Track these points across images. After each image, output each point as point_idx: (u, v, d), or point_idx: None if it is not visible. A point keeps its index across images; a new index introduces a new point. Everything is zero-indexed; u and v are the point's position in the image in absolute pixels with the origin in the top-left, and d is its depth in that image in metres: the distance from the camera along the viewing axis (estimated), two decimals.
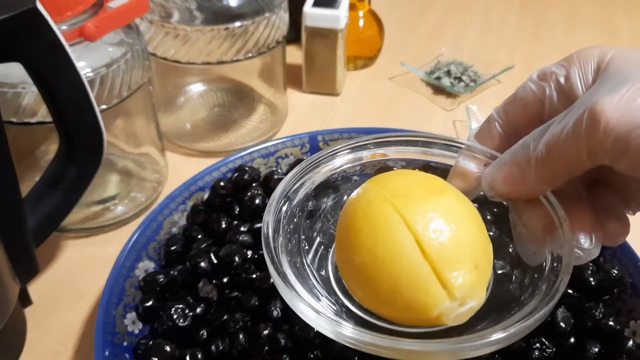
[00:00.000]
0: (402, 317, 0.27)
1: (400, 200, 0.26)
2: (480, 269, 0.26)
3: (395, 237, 0.25)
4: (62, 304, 0.47)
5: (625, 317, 0.39)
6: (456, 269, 0.25)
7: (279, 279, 0.29)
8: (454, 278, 0.25)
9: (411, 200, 0.26)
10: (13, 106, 0.42)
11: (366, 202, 0.27)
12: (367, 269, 0.26)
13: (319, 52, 0.67)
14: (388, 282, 0.25)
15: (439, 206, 0.26)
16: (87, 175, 0.43)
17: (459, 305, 0.26)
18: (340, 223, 0.29)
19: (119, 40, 0.46)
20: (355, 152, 0.34)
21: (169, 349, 0.38)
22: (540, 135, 0.26)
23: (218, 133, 0.62)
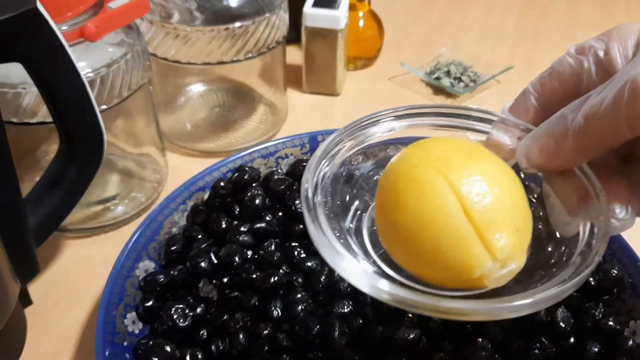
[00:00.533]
0: (443, 278, 0.27)
1: (444, 164, 0.27)
2: (521, 233, 0.27)
3: (439, 198, 0.26)
4: (62, 303, 0.47)
5: (625, 317, 0.39)
6: (498, 231, 0.26)
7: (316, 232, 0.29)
8: (497, 240, 0.26)
9: (455, 164, 0.27)
10: (13, 106, 0.42)
11: (410, 165, 0.28)
12: (410, 230, 0.27)
13: (319, 53, 0.67)
14: (431, 242, 0.26)
15: (482, 170, 0.27)
16: (87, 175, 0.43)
17: (500, 267, 0.26)
18: (381, 186, 0.30)
19: (120, 40, 0.47)
20: (395, 121, 0.35)
21: (169, 349, 0.38)
22: (578, 107, 0.26)
23: (218, 133, 0.63)
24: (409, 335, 0.36)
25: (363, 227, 0.34)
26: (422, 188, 0.27)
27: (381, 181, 0.30)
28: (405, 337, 0.36)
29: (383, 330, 0.38)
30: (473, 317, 0.26)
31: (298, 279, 0.42)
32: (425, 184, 0.27)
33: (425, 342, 0.38)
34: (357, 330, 0.38)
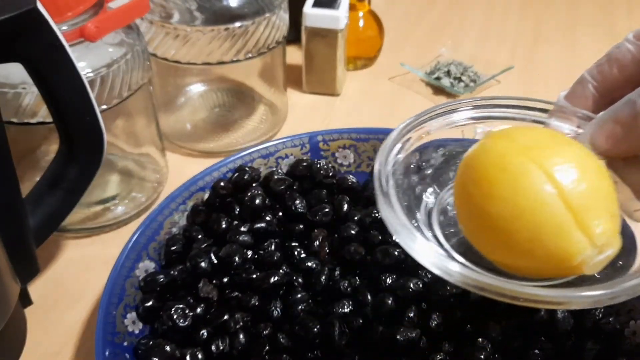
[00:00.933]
0: (539, 267, 0.27)
1: (535, 152, 0.27)
2: (615, 218, 0.27)
3: (535, 186, 0.26)
4: (62, 304, 0.47)
5: (625, 317, 0.39)
6: (596, 217, 0.26)
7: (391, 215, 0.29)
8: (595, 226, 0.26)
9: (545, 152, 0.27)
10: (13, 106, 0.42)
11: (498, 155, 0.28)
12: (505, 219, 0.26)
13: (319, 53, 0.67)
14: (528, 231, 0.26)
15: (572, 157, 0.27)
16: (87, 175, 0.43)
17: (598, 253, 0.26)
18: (466, 177, 0.29)
19: (120, 40, 0.47)
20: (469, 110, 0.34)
21: (169, 349, 0.38)
22: None
23: (218, 133, 0.63)
24: (409, 336, 0.36)
25: (433, 219, 0.34)
26: (516, 177, 0.26)
27: (464, 172, 0.30)
28: (406, 337, 0.36)
29: (383, 331, 0.38)
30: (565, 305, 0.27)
31: (298, 279, 0.42)
32: (519, 172, 0.26)
33: (425, 342, 0.38)
34: (357, 330, 0.38)
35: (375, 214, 0.44)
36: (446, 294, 0.38)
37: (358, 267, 0.42)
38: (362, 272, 0.42)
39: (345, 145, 0.52)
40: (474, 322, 0.39)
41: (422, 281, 0.39)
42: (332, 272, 0.42)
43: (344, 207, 0.45)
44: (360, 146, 0.52)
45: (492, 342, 0.38)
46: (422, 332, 0.37)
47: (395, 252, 0.40)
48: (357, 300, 0.40)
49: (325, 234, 0.45)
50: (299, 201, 0.46)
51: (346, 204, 0.46)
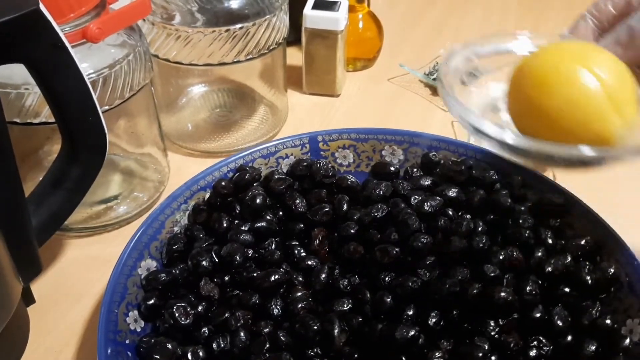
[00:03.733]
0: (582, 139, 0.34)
1: (581, 59, 0.34)
2: (637, 105, 0.34)
3: (585, 82, 0.33)
4: (64, 302, 0.47)
5: (622, 316, 0.40)
6: (628, 105, 0.33)
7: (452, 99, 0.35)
8: (627, 112, 0.33)
9: (589, 58, 0.34)
10: (16, 107, 0.43)
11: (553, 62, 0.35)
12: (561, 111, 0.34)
13: (318, 54, 0.67)
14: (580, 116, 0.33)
15: (608, 62, 0.34)
16: (89, 175, 0.43)
17: (629, 128, 0.33)
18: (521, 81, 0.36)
19: (122, 41, 0.47)
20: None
21: (171, 347, 0.38)
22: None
23: (219, 133, 0.63)
24: (408, 334, 0.37)
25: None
26: (570, 77, 0.33)
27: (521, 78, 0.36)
28: (404, 335, 0.37)
29: (382, 329, 0.38)
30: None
31: (298, 277, 0.42)
32: (573, 73, 0.33)
33: (423, 340, 0.38)
34: (356, 328, 0.39)
35: (375, 213, 0.44)
36: (445, 292, 0.38)
37: (357, 265, 0.43)
38: (362, 271, 0.42)
39: (345, 146, 0.53)
40: (472, 321, 0.39)
41: (421, 279, 0.39)
42: (331, 271, 0.42)
43: (344, 207, 0.46)
44: (360, 146, 0.53)
45: (490, 340, 0.38)
46: (420, 330, 0.38)
47: (394, 251, 0.41)
48: (357, 298, 0.40)
49: (325, 233, 0.45)
50: (299, 201, 0.46)
51: (346, 204, 0.46)
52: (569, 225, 0.45)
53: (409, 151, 0.52)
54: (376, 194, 0.46)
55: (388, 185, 0.47)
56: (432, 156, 0.50)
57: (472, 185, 0.48)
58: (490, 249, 0.43)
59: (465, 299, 0.39)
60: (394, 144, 0.52)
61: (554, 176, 0.59)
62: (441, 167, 0.50)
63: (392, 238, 0.43)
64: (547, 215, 0.46)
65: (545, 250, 0.43)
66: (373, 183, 0.47)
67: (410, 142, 0.52)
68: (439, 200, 0.45)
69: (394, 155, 0.53)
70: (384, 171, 0.51)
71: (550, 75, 0.34)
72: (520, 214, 0.45)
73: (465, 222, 0.43)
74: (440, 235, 0.44)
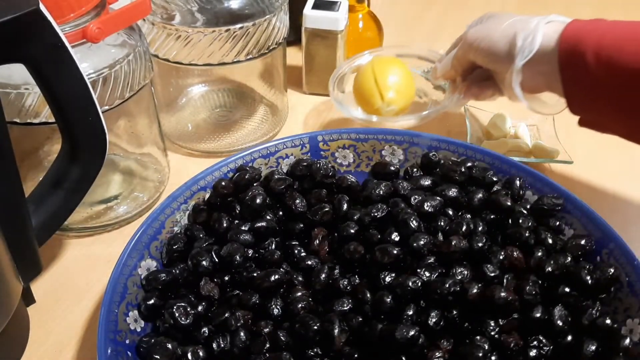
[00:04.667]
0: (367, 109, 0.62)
1: (375, 65, 0.61)
2: (403, 95, 0.61)
3: (368, 78, 0.61)
4: (64, 302, 0.47)
5: (622, 316, 0.40)
6: (388, 91, 0.60)
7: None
8: (387, 95, 0.60)
9: (380, 65, 0.61)
10: (16, 107, 0.43)
11: (363, 67, 0.63)
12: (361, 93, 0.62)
13: (319, 54, 0.67)
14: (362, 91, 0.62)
15: (393, 69, 0.61)
16: (89, 175, 0.43)
17: (386, 106, 0.60)
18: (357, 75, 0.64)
19: (122, 41, 0.47)
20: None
21: (171, 347, 0.38)
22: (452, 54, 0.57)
23: (219, 133, 0.63)
24: (408, 333, 0.37)
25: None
26: (365, 74, 0.62)
27: (356, 75, 0.64)
28: (404, 335, 0.37)
29: (382, 328, 0.38)
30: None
31: (298, 277, 0.42)
32: (366, 72, 0.62)
33: (424, 340, 0.38)
34: (356, 328, 0.39)
35: (375, 213, 0.44)
36: (445, 292, 0.38)
37: (357, 265, 0.43)
38: (362, 271, 0.42)
39: (344, 145, 0.53)
40: (472, 320, 0.39)
41: (421, 279, 0.39)
42: (331, 271, 0.42)
43: (344, 207, 0.46)
44: (360, 146, 0.53)
45: (490, 340, 0.38)
46: (420, 330, 0.38)
47: (394, 251, 0.41)
48: (357, 298, 0.40)
49: (325, 233, 0.45)
50: (299, 200, 0.46)
51: (345, 204, 0.46)
52: (569, 225, 0.45)
53: (409, 151, 0.52)
54: (376, 194, 0.46)
55: (388, 185, 0.47)
56: (432, 156, 0.50)
57: (472, 185, 0.48)
58: (490, 249, 0.43)
59: (465, 299, 0.39)
60: (394, 144, 0.52)
61: (554, 176, 0.59)
62: (441, 167, 0.50)
63: (392, 238, 0.43)
64: (547, 215, 0.46)
65: (545, 250, 0.43)
66: (373, 183, 0.47)
67: (410, 142, 0.52)
68: (439, 200, 0.45)
69: (394, 155, 0.53)
70: (384, 171, 0.51)
71: (360, 74, 0.62)
72: (520, 214, 0.45)
73: (465, 222, 0.43)
74: (440, 235, 0.44)
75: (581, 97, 0.47)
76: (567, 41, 0.45)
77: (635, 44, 0.42)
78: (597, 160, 0.61)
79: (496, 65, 0.51)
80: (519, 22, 0.50)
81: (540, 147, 0.59)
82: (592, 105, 0.47)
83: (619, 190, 0.58)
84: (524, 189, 0.48)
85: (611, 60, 0.43)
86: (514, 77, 0.49)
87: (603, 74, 0.44)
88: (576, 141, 0.61)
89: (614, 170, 0.60)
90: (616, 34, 0.44)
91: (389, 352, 0.38)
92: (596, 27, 0.45)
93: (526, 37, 0.48)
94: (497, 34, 0.51)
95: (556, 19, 0.48)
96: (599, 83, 0.45)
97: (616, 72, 0.43)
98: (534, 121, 0.64)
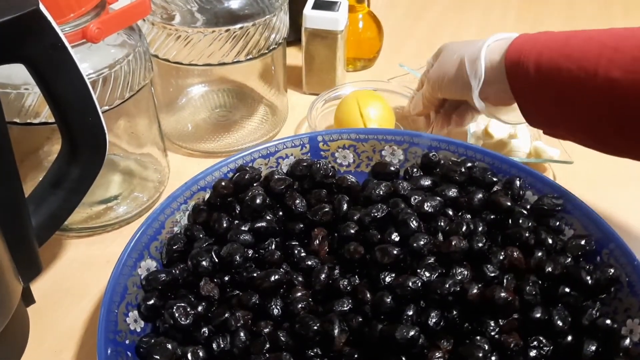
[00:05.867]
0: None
1: (359, 99, 0.62)
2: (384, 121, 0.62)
3: (352, 108, 0.62)
4: (64, 302, 0.47)
5: (622, 316, 0.40)
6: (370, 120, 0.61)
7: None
8: (369, 121, 0.61)
9: (363, 99, 0.62)
10: (16, 107, 0.43)
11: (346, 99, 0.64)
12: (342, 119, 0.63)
13: (318, 54, 0.67)
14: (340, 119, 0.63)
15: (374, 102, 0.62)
16: (89, 175, 0.43)
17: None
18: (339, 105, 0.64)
19: (122, 41, 0.47)
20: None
21: (171, 347, 0.38)
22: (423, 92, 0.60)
23: (219, 134, 0.63)
24: (408, 334, 0.37)
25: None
26: (348, 105, 0.62)
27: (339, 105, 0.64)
28: (404, 335, 0.37)
29: (382, 329, 0.38)
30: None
31: (298, 277, 0.42)
32: (349, 103, 0.62)
33: (424, 340, 0.38)
34: (356, 328, 0.39)
35: (375, 213, 0.44)
36: (445, 292, 0.38)
37: (357, 266, 0.43)
38: (362, 271, 0.42)
39: (344, 146, 0.53)
40: (472, 321, 0.39)
41: (421, 280, 0.39)
42: (331, 271, 0.42)
43: (344, 207, 0.46)
44: (360, 146, 0.53)
45: (490, 340, 0.38)
46: (420, 330, 0.38)
47: (394, 251, 0.41)
48: (357, 298, 0.40)
49: (325, 233, 0.45)
50: (299, 201, 0.46)
51: (345, 204, 0.46)
52: (569, 226, 0.45)
53: (409, 151, 0.52)
54: (376, 194, 0.46)
55: (388, 185, 0.47)
56: (432, 156, 0.50)
57: (472, 185, 0.48)
58: (490, 249, 0.43)
59: (465, 299, 0.39)
60: (394, 144, 0.52)
61: (554, 176, 0.59)
62: (441, 167, 0.50)
63: (392, 238, 0.43)
64: (547, 215, 0.46)
65: (545, 250, 0.43)
66: (373, 183, 0.47)
67: (410, 142, 0.52)
68: (439, 200, 0.45)
69: (394, 155, 0.53)
70: (384, 171, 0.51)
71: (343, 104, 0.63)
72: (520, 214, 0.45)
73: (465, 223, 0.43)
74: (440, 235, 0.44)
75: (531, 108, 0.49)
76: (511, 57, 0.48)
77: (568, 60, 0.44)
78: (597, 160, 0.61)
79: (462, 95, 0.53)
80: (465, 48, 0.52)
81: (540, 147, 0.59)
82: (541, 115, 0.49)
83: (619, 190, 0.58)
84: (524, 189, 0.48)
85: (550, 74, 0.45)
86: (476, 103, 0.52)
87: (543, 86, 0.46)
88: None
89: (614, 170, 0.60)
90: (554, 48, 0.46)
91: (389, 353, 0.38)
92: (537, 42, 0.47)
93: (472, 63, 0.51)
94: (451, 68, 0.53)
95: (502, 36, 0.50)
96: (542, 95, 0.47)
97: (553, 86, 0.46)
98: None
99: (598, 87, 0.43)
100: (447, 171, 0.49)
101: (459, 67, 0.52)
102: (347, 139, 0.53)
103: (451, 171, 0.49)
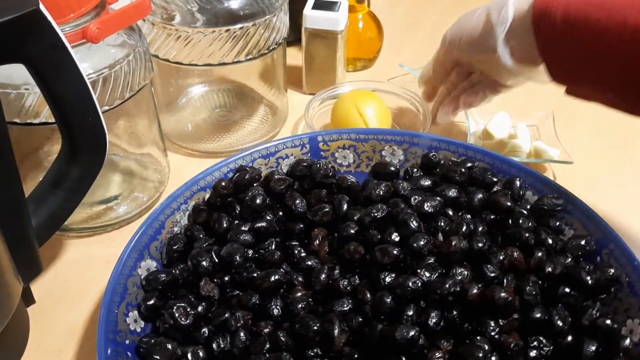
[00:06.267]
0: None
1: (355, 99, 0.62)
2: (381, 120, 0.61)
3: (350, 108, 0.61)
4: (64, 302, 0.47)
5: (622, 316, 0.40)
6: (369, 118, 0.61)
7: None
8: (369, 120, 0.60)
9: (359, 99, 0.62)
10: (16, 107, 0.43)
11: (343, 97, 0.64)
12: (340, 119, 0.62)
13: (319, 54, 0.67)
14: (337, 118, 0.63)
15: (370, 101, 0.62)
16: (89, 175, 0.43)
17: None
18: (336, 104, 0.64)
19: (122, 41, 0.47)
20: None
21: (171, 347, 0.38)
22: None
23: (219, 134, 0.63)
24: (408, 334, 0.37)
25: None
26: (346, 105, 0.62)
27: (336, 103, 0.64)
28: (404, 335, 0.37)
29: (382, 329, 0.38)
30: None
31: (298, 277, 0.42)
32: (347, 102, 0.62)
33: (424, 341, 0.38)
34: (356, 328, 0.39)
35: (375, 213, 0.44)
36: (445, 292, 0.38)
37: (357, 266, 0.43)
38: (362, 271, 0.42)
39: (344, 146, 0.53)
40: (472, 321, 0.39)
41: (421, 280, 0.39)
42: (331, 271, 0.42)
43: (344, 207, 0.46)
44: (360, 146, 0.53)
45: (490, 340, 0.38)
46: (420, 330, 0.38)
47: (394, 251, 0.41)
48: (357, 298, 0.40)
49: (325, 233, 0.45)
50: (299, 201, 0.46)
51: (345, 204, 0.46)
52: (569, 226, 0.45)
53: (409, 151, 0.52)
54: (376, 194, 0.46)
55: (388, 185, 0.47)
56: (432, 156, 0.50)
57: (472, 185, 0.48)
58: (490, 249, 0.43)
59: (465, 299, 0.39)
60: (394, 144, 0.52)
61: (554, 176, 0.59)
62: (441, 167, 0.50)
63: (392, 238, 0.43)
64: (547, 216, 0.46)
65: (546, 250, 0.43)
66: (373, 183, 0.47)
67: (410, 142, 0.52)
68: (439, 200, 0.45)
69: (394, 155, 0.53)
70: (384, 171, 0.51)
71: (340, 103, 0.63)
72: (520, 214, 0.45)
73: (465, 223, 0.43)
74: (440, 235, 0.44)
75: (556, 62, 0.47)
76: (539, 5, 0.46)
77: (598, 10, 0.42)
78: (597, 160, 0.61)
79: (482, 53, 0.51)
80: (489, 4, 0.51)
81: (540, 147, 0.59)
82: (567, 71, 0.47)
83: (619, 190, 0.58)
84: (524, 189, 0.48)
85: (577, 23, 0.44)
86: (500, 51, 0.49)
87: (571, 38, 0.45)
88: (576, 141, 0.61)
89: (614, 170, 0.60)
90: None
91: (389, 353, 0.38)
92: None
93: (499, 11, 0.49)
94: (472, 23, 0.52)
95: None
96: (569, 47, 0.45)
97: (581, 38, 0.44)
98: (534, 121, 0.64)
99: (627, 36, 0.41)
100: (447, 171, 0.49)
101: (481, 20, 0.51)
102: (347, 139, 0.53)
103: (451, 171, 0.49)
